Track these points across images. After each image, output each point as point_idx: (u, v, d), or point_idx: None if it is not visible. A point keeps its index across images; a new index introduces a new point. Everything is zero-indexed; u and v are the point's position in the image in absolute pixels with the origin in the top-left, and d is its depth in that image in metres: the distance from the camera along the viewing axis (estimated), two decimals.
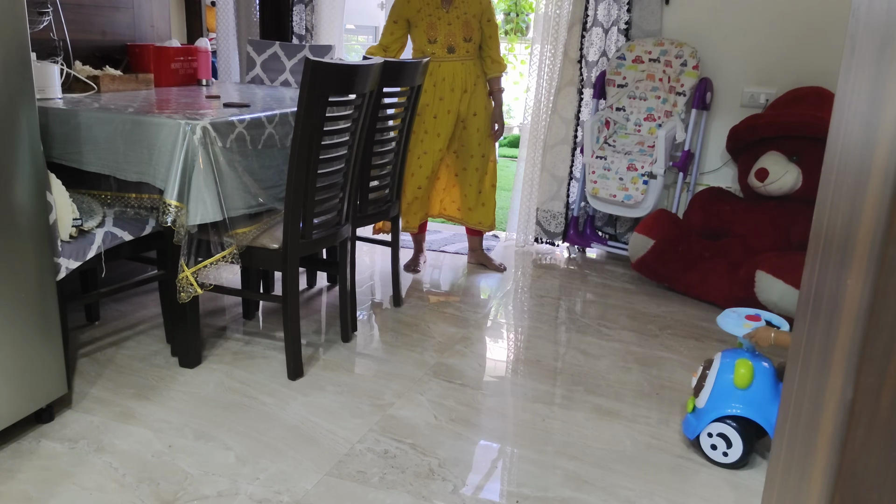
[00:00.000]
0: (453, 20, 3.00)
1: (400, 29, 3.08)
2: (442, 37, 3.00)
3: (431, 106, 3.10)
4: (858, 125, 0.72)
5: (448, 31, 3.01)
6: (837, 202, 0.78)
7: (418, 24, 3.03)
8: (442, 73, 3.06)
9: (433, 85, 3.08)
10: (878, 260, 0.58)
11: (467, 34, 3.02)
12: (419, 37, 3.04)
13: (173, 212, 1.97)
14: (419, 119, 3.11)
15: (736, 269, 2.89)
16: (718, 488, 1.77)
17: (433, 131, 3.12)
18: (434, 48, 3.02)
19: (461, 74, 3.07)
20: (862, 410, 0.59)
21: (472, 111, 3.13)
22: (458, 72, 3.07)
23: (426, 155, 3.15)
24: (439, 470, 1.80)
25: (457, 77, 3.07)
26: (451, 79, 3.06)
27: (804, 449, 0.76)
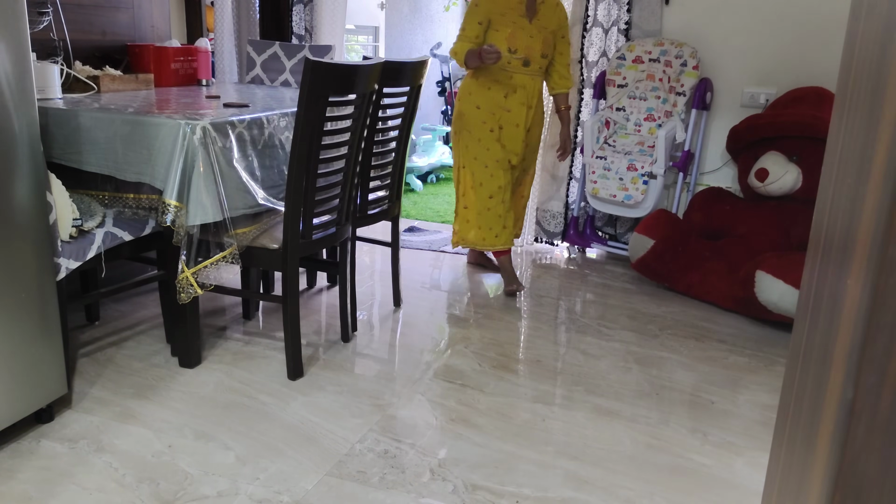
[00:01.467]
0: (535, 33, 2.89)
1: (483, 30, 2.91)
2: (522, 48, 2.88)
3: (496, 116, 2.97)
4: (858, 125, 0.72)
5: (529, 44, 2.89)
6: (837, 202, 0.78)
7: (500, 29, 2.88)
8: (513, 85, 2.95)
9: (502, 95, 2.95)
10: (878, 260, 0.58)
11: (545, 50, 2.92)
12: (500, 43, 2.89)
13: (173, 212, 1.97)
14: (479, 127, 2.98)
15: (736, 269, 2.89)
16: (718, 488, 1.77)
17: (498, 140, 3.00)
18: (512, 57, 2.89)
19: (530, 89, 2.97)
20: (862, 410, 0.59)
21: (531, 127, 3.05)
22: (528, 86, 2.96)
23: (497, 164, 3.01)
24: (439, 470, 1.80)
25: (527, 91, 2.96)
26: (521, 92, 2.95)
27: (805, 447, 0.76)
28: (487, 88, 2.96)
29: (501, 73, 2.93)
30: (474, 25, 2.89)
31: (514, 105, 2.96)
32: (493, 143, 2.99)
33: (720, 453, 1.93)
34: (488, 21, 2.90)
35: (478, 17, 2.90)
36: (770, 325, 2.83)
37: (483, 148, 3.00)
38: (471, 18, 2.91)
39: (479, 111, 2.98)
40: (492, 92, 2.95)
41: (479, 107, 2.97)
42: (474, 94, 2.98)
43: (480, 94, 2.97)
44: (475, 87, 2.98)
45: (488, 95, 2.96)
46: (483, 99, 2.97)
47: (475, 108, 2.98)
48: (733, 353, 2.58)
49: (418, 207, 4.78)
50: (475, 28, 2.90)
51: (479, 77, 2.97)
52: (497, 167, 3.01)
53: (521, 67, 2.91)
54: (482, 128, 2.98)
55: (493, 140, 2.98)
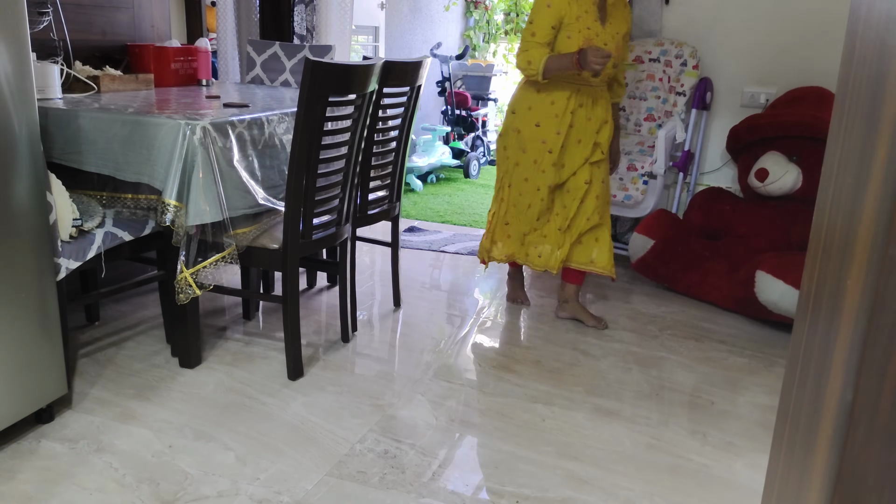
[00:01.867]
0: (609, 39, 2.48)
1: (555, 35, 2.51)
2: None
3: (560, 135, 2.57)
4: (858, 125, 0.72)
5: None
6: (837, 202, 0.78)
7: (573, 35, 2.45)
8: (580, 99, 2.55)
9: (566, 110, 2.55)
10: (878, 260, 0.58)
11: (617, 58, 2.52)
12: (571, 50, 2.46)
13: (172, 212, 1.97)
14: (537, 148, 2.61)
15: (736, 269, 2.89)
16: (718, 488, 1.77)
17: (555, 164, 2.61)
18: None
19: (601, 104, 2.59)
20: (862, 411, 0.59)
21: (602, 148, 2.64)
22: (598, 99, 2.58)
23: (549, 190, 2.65)
24: (439, 470, 1.80)
25: (596, 106, 2.58)
26: (589, 106, 2.56)
27: (804, 449, 0.76)
28: (551, 103, 2.56)
29: (567, 84, 2.53)
30: (547, 29, 2.47)
31: (577, 121, 2.57)
32: (549, 167, 2.60)
33: (720, 454, 1.92)
34: (560, 25, 2.48)
35: (551, 20, 2.46)
36: (770, 326, 2.83)
37: (538, 170, 2.62)
38: (542, 21, 2.47)
39: (539, 129, 2.58)
40: (555, 107, 2.55)
41: (538, 124, 2.58)
42: (535, 109, 2.58)
43: (542, 108, 2.57)
44: (536, 100, 2.57)
45: (551, 111, 2.56)
46: (544, 115, 2.57)
47: (534, 125, 2.59)
48: (733, 353, 2.58)
49: (418, 207, 4.78)
50: (548, 33, 2.48)
51: (542, 89, 2.57)
52: (548, 192, 2.65)
53: (591, 79, 2.51)
54: (540, 148, 2.60)
55: (549, 163, 2.60)
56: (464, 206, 4.87)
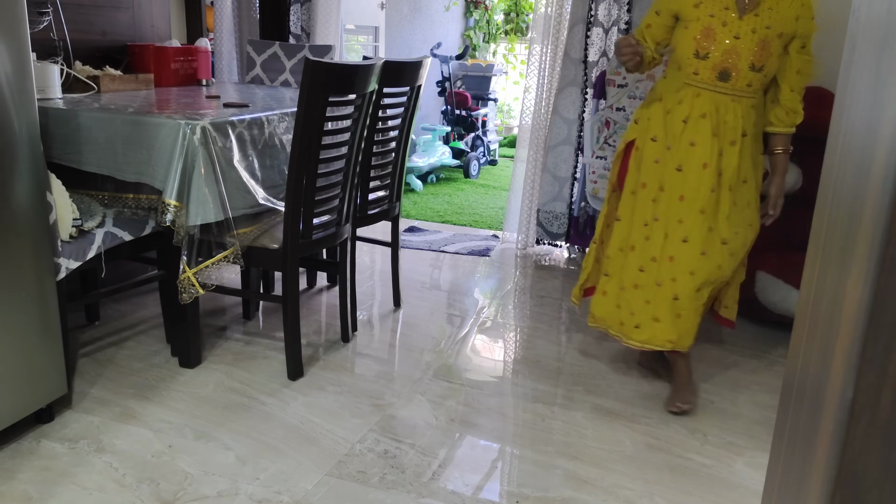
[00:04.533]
0: (745, 33, 1.96)
1: (664, 24, 2.09)
2: (719, 53, 1.97)
3: (675, 153, 2.05)
4: (858, 125, 0.72)
5: (730, 48, 1.97)
6: (837, 202, 0.78)
7: (690, 25, 2.01)
8: (701, 107, 2.02)
9: (682, 120, 2.04)
10: (878, 260, 0.58)
11: (760, 59, 1.96)
12: (686, 43, 2.02)
13: (172, 212, 1.97)
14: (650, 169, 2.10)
15: None
16: (718, 488, 1.77)
17: (673, 191, 2.06)
18: (700, 66, 2.00)
19: (732, 116, 2.01)
20: (862, 410, 0.59)
21: (742, 177, 2.06)
22: (729, 111, 2.01)
23: (656, 223, 2.09)
24: (439, 470, 1.80)
25: (726, 118, 2.01)
26: (714, 118, 2.01)
27: (804, 448, 0.76)
28: (667, 112, 2.08)
29: (687, 88, 2.04)
30: (651, 15, 2.11)
31: (699, 136, 2.02)
32: (660, 194, 2.09)
33: (720, 453, 1.93)
34: (675, 14, 2.06)
35: (657, 6, 2.10)
36: (770, 326, 2.83)
37: (648, 198, 2.11)
38: (652, 6, 2.13)
39: (655, 144, 2.09)
40: (671, 116, 2.06)
41: (655, 139, 2.09)
42: (653, 120, 2.10)
43: (658, 119, 2.09)
44: (654, 109, 2.11)
45: (667, 122, 2.07)
46: (660, 127, 2.08)
47: (650, 140, 2.10)
48: (733, 353, 2.58)
49: (418, 207, 4.78)
50: (651, 18, 2.11)
51: (660, 95, 2.12)
52: (660, 229, 2.09)
53: (716, 82, 1.99)
54: (653, 169, 2.09)
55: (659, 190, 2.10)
56: (464, 206, 4.87)
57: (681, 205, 2.05)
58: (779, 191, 2.15)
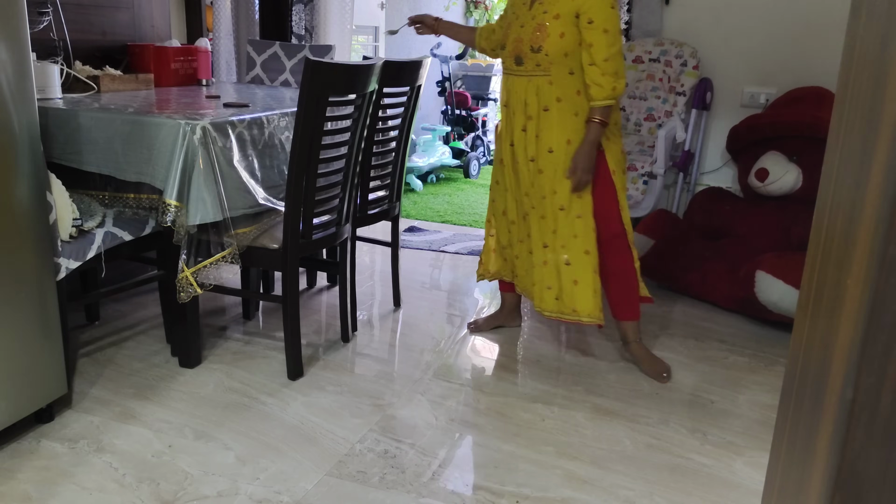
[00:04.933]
0: (527, 21, 2.19)
1: (502, 24, 2.41)
2: (511, 41, 2.24)
3: (503, 131, 2.40)
4: (859, 125, 0.72)
5: (517, 36, 2.21)
6: (837, 202, 0.78)
7: (503, 22, 2.39)
8: (507, 91, 2.32)
9: (504, 104, 2.37)
10: (878, 260, 0.58)
11: (536, 41, 2.14)
12: (494, 37, 2.45)
13: (173, 212, 1.97)
14: (496, 156, 2.48)
15: (736, 269, 2.89)
16: (718, 488, 1.77)
17: (503, 161, 2.44)
18: (504, 55, 2.31)
19: (530, 95, 2.22)
20: (862, 410, 0.59)
21: (547, 146, 2.23)
22: (528, 90, 2.22)
23: (497, 185, 2.51)
24: (439, 470, 1.80)
25: (525, 97, 2.24)
26: (515, 99, 2.28)
27: (805, 447, 0.76)
28: (503, 104, 2.38)
29: (504, 76, 2.35)
30: (499, 18, 2.47)
31: (511, 119, 2.31)
32: (501, 178, 2.47)
33: (720, 453, 1.93)
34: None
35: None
36: (770, 325, 2.83)
37: (494, 182, 2.54)
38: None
39: (503, 132, 2.42)
40: (500, 103, 2.38)
41: (500, 127, 2.43)
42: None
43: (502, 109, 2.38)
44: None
45: (500, 107, 2.38)
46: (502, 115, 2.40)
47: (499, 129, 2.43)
48: (733, 352, 2.58)
49: (418, 207, 4.78)
50: (498, 20, 2.46)
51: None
52: (503, 218, 2.50)
53: (514, 67, 2.25)
54: (496, 157, 2.49)
55: (500, 174, 2.47)
56: (464, 206, 4.87)
57: (510, 175, 2.40)
58: (580, 157, 2.19)
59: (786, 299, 2.61)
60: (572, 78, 2.17)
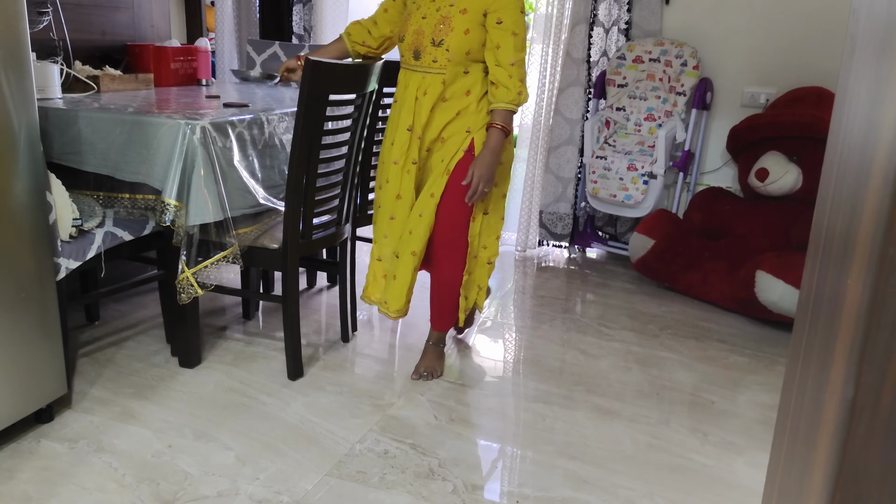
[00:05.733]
0: (430, 13, 2.04)
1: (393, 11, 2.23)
2: (411, 33, 2.08)
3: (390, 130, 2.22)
4: (858, 125, 0.72)
5: (418, 28, 2.06)
6: (837, 202, 0.78)
7: (394, 12, 2.23)
8: (404, 86, 2.15)
9: (394, 100, 2.22)
10: (878, 260, 0.58)
11: (439, 35, 2.01)
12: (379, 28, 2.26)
13: (172, 212, 1.97)
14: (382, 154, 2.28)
15: (736, 269, 2.89)
16: (718, 488, 1.77)
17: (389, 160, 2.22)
18: (402, 48, 2.14)
19: (424, 92, 2.08)
20: (862, 410, 0.59)
21: (426, 145, 2.14)
22: (422, 86, 2.09)
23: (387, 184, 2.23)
24: (439, 470, 1.80)
25: (418, 95, 2.10)
26: (406, 94, 2.13)
27: (804, 449, 0.76)
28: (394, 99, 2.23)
29: (400, 71, 2.19)
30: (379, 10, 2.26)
31: (404, 115, 2.14)
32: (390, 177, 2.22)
33: (720, 453, 1.93)
34: (404, 3, 2.20)
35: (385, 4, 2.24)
36: (770, 325, 2.83)
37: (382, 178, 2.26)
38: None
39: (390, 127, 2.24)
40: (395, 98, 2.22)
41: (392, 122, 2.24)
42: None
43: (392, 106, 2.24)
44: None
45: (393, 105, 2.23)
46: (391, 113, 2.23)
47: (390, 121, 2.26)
48: (733, 352, 2.58)
49: None
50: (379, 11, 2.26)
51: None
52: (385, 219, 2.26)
53: (412, 61, 2.09)
54: (382, 158, 2.26)
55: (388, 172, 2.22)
56: None
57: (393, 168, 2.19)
58: (479, 166, 2.03)
59: (786, 299, 2.61)
60: (465, 78, 2.06)
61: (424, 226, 2.12)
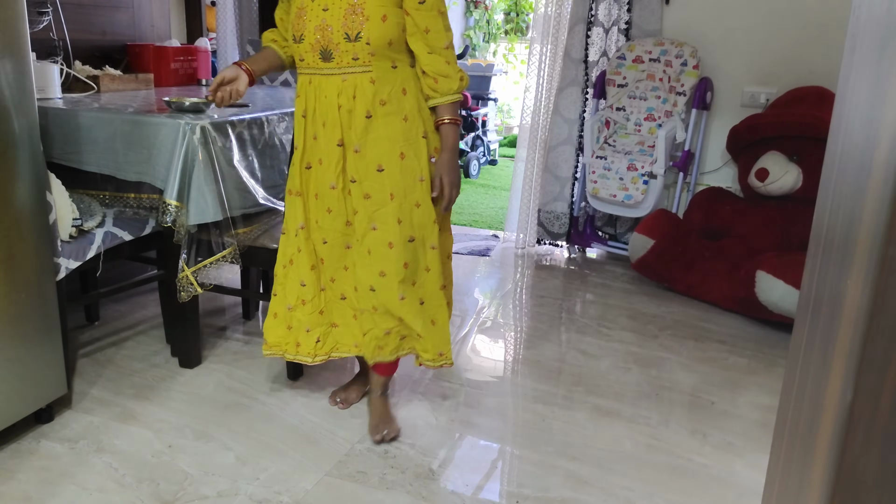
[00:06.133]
0: (333, 3, 1.68)
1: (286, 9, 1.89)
2: (311, 31, 1.70)
3: (301, 150, 1.83)
4: (858, 125, 0.72)
5: (320, 24, 1.69)
6: (837, 202, 0.78)
7: (290, 8, 1.80)
8: (315, 95, 1.76)
9: (301, 115, 1.81)
10: (878, 260, 0.58)
11: (353, 27, 1.66)
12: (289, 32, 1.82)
13: (173, 212, 1.97)
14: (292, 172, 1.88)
15: (736, 269, 2.89)
16: (718, 488, 1.77)
17: (310, 191, 1.85)
18: (302, 50, 1.74)
19: (346, 98, 1.73)
20: (861, 412, 0.59)
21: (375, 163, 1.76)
22: (343, 93, 1.73)
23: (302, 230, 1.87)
24: (439, 470, 1.80)
25: (340, 101, 1.73)
26: (325, 105, 1.75)
27: (804, 449, 0.76)
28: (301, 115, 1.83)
29: (301, 78, 1.80)
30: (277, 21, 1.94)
31: (318, 128, 1.78)
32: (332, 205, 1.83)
33: (720, 454, 1.92)
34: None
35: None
36: (770, 326, 2.83)
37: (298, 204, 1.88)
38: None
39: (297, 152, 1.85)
40: (296, 113, 1.84)
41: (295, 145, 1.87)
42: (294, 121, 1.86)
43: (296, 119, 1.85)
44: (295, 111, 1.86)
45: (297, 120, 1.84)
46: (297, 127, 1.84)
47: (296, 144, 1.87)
48: (733, 353, 2.58)
49: None
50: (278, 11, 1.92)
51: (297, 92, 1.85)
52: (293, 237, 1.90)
53: (320, 64, 1.72)
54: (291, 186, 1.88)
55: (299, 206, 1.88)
56: (464, 205, 4.87)
57: (317, 204, 1.84)
58: (445, 169, 1.79)
59: (786, 299, 2.61)
60: (396, 73, 1.74)
61: (435, 254, 1.85)
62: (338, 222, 1.83)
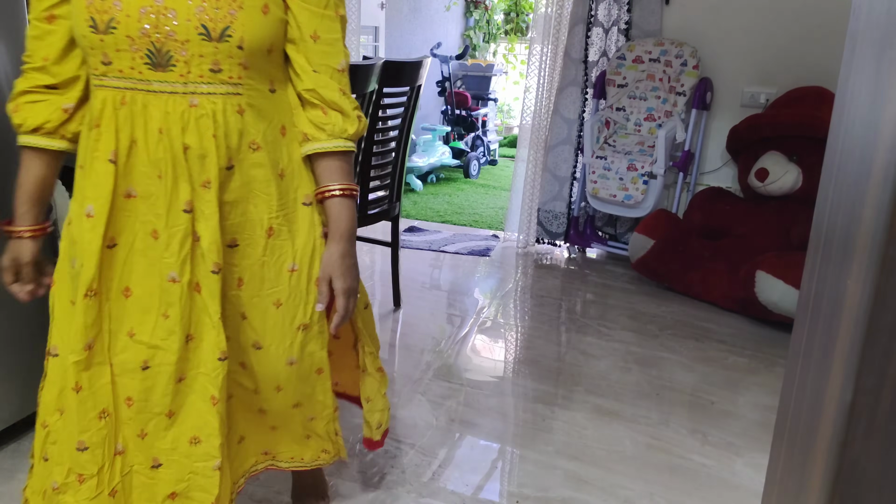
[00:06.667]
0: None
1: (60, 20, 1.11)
2: (132, 16, 1.00)
3: (101, 216, 1.08)
4: (858, 125, 0.72)
5: (153, 5, 1.00)
6: (837, 202, 0.78)
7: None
8: (129, 125, 1.05)
9: (108, 160, 1.07)
10: (878, 260, 0.58)
11: (216, 17, 1.01)
12: (77, 14, 1.02)
13: None
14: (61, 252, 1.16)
15: (736, 269, 2.89)
16: (718, 488, 1.77)
17: (112, 283, 1.10)
18: (108, 48, 1.02)
19: (196, 135, 1.05)
20: (861, 412, 0.59)
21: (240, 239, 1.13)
22: (189, 126, 1.05)
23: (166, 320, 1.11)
24: (439, 470, 1.80)
25: (186, 140, 1.05)
26: (157, 143, 1.05)
27: (804, 449, 0.76)
28: (89, 150, 1.11)
29: (98, 95, 1.07)
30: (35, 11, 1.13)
31: (140, 182, 1.08)
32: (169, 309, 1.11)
33: (720, 454, 1.93)
34: None
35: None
36: (770, 326, 2.83)
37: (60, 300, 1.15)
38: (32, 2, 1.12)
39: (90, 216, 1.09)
40: (92, 155, 1.10)
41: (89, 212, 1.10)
42: (85, 168, 1.13)
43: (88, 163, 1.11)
44: (84, 146, 1.13)
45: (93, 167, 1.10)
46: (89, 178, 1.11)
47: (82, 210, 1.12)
48: (733, 353, 2.58)
49: (418, 207, 4.78)
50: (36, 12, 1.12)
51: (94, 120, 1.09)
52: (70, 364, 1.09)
53: (147, 72, 1.03)
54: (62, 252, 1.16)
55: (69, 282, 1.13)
56: (464, 206, 4.87)
57: (127, 304, 1.11)
58: (336, 268, 1.17)
59: (786, 299, 2.61)
60: (274, 102, 1.13)
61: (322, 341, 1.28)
62: (173, 339, 1.10)
